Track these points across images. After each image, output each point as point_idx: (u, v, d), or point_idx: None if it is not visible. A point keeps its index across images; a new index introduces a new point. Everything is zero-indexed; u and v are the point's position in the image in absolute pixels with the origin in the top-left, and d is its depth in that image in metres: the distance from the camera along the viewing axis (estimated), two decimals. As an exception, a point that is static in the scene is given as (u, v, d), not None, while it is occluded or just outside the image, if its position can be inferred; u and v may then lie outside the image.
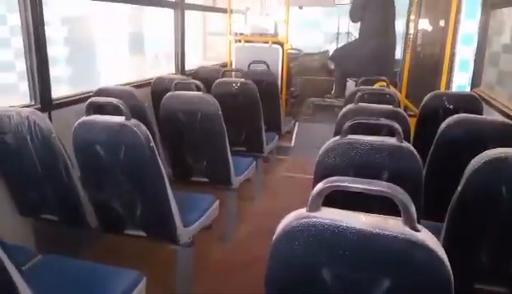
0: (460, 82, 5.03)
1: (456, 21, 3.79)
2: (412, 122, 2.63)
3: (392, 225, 0.81)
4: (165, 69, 4.81)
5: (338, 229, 0.83)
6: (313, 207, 0.86)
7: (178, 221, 1.87)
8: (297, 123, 4.69)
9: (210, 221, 2.23)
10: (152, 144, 1.65)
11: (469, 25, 4.71)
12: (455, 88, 4.21)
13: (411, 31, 4.18)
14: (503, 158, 1.33)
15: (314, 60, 5.93)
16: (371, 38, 4.55)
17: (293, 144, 4.59)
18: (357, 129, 1.56)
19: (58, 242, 2.10)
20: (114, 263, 1.61)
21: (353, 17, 4.77)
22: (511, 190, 1.36)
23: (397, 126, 1.46)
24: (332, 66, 5.42)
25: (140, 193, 1.79)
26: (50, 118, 2.34)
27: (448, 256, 1.52)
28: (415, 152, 1.44)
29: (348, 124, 1.48)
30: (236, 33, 4.67)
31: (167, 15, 3.81)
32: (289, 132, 4.60)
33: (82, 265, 1.60)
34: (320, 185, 0.86)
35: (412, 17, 4.18)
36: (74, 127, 1.71)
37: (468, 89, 5.01)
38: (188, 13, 4.32)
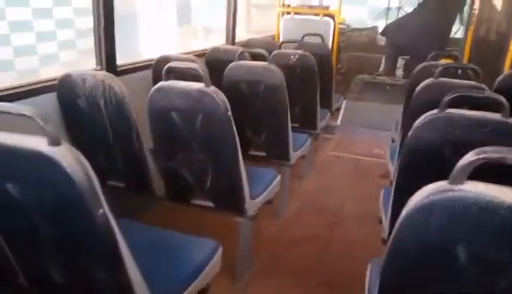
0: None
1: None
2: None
3: None
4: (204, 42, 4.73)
5: (487, 204, 0.75)
6: (458, 180, 0.78)
7: (247, 194, 1.84)
8: (344, 102, 4.55)
9: (273, 195, 2.19)
10: (229, 112, 1.60)
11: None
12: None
13: (476, 7, 3.90)
14: None
15: (362, 35, 5.71)
16: (429, 12, 4.30)
17: (339, 122, 4.47)
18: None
19: (123, 209, 2.11)
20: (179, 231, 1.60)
21: None
22: None
23: (502, 99, 1.34)
24: (383, 42, 5.19)
25: (213, 162, 1.76)
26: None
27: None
28: None
29: (447, 98, 1.37)
30: (285, 5, 4.52)
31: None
32: (337, 110, 4.47)
33: (158, 232, 1.59)
34: (470, 155, 0.78)
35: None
36: (151, 93, 1.68)
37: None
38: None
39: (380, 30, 5.51)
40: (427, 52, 3.96)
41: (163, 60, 2.48)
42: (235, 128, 1.65)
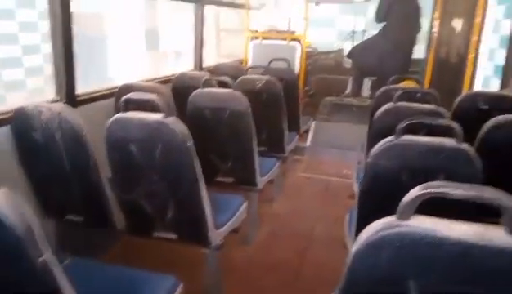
0: (487, 72, 4.92)
1: (482, 19, 3.70)
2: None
3: (497, 236, 0.73)
4: (175, 66, 4.74)
5: (435, 239, 0.75)
6: (405, 215, 0.78)
7: (211, 223, 1.80)
8: (313, 123, 4.60)
9: (239, 223, 2.16)
10: (190, 143, 1.58)
11: (499, 10, 4.60)
12: (480, 85, 4.12)
13: (435, 30, 4.08)
14: None
15: (329, 58, 5.84)
16: (393, 35, 4.47)
17: (309, 143, 4.51)
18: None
19: (82, 245, 2.03)
20: (141, 267, 1.54)
21: (379, 17, 4.70)
22: None
23: (455, 125, 1.38)
24: (348, 65, 5.33)
25: (174, 193, 1.72)
26: (74, 114, 2.27)
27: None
28: (476, 155, 1.36)
29: (402, 124, 1.40)
30: (253, 30, 4.59)
31: (176, 14, 3.74)
32: (305, 132, 4.51)
33: (112, 270, 1.52)
34: (415, 191, 0.78)
35: (436, 15, 4.08)
36: (108, 125, 1.64)
37: (491, 80, 4.93)
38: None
39: (346, 52, 5.67)
40: (391, 73, 4.09)
41: (126, 89, 2.45)
42: (195, 158, 1.62)
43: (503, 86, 3.12)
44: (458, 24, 4.14)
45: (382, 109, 2.05)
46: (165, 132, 1.55)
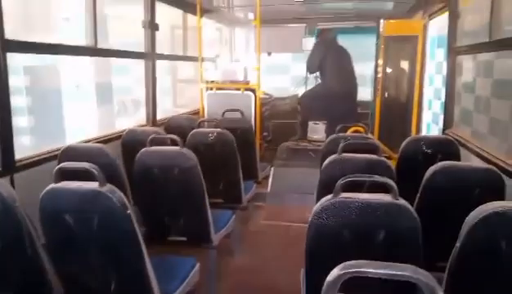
0: (428, 119, 5.22)
1: (422, 64, 3.96)
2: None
3: None
4: (134, 116, 4.71)
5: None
6: (329, 295, 0.76)
7: (157, 293, 1.70)
8: (272, 169, 4.62)
9: (192, 287, 2.06)
10: (129, 211, 1.51)
11: (429, 67, 4.95)
12: (425, 127, 4.34)
13: (379, 75, 4.30)
14: (501, 213, 1.29)
15: (285, 103, 5.99)
16: (333, 83, 4.71)
17: (269, 189, 4.50)
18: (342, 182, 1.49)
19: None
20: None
21: (311, 69, 4.98)
22: (510, 244, 1.32)
23: (391, 183, 1.40)
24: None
25: (114, 264, 1.62)
26: (12, 181, 2.15)
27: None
28: (412, 209, 1.39)
29: (340, 183, 1.41)
30: (208, 81, 4.65)
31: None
32: (265, 178, 4.51)
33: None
34: (335, 272, 0.76)
35: (380, 62, 4.32)
36: (41, 196, 1.55)
37: (433, 126, 5.21)
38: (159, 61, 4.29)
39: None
40: (338, 117, 4.25)
41: (69, 151, 2.37)
42: (136, 225, 1.55)
43: (445, 127, 3.29)
44: (402, 67, 4.39)
45: (327, 161, 2.08)
46: (102, 202, 1.48)
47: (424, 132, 4.60)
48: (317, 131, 5.31)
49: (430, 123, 5.48)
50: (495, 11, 2.46)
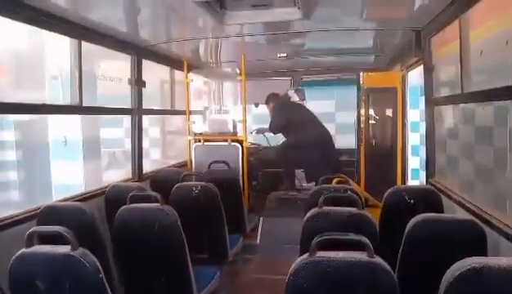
0: (413, 165, 5.27)
1: (403, 113, 4.06)
2: (374, 212, 2.62)
3: None
4: (125, 167, 4.70)
5: None
6: None
7: None
8: (261, 219, 4.56)
9: None
10: (101, 275, 1.47)
11: (414, 114, 5.08)
12: (410, 173, 4.38)
13: (362, 125, 4.39)
14: (478, 269, 1.28)
15: (274, 152, 6.02)
16: (303, 135, 4.85)
17: (259, 241, 4.41)
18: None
19: None
20: None
21: (274, 131, 5.14)
22: None
23: (366, 241, 1.39)
24: None
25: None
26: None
27: None
28: (387, 266, 1.37)
29: (315, 241, 1.40)
30: (196, 134, 4.71)
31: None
32: (254, 229, 4.44)
33: None
34: None
35: (362, 111, 4.43)
36: (11, 262, 1.51)
37: (420, 172, 5.25)
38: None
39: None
40: (315, 165, 4.25)
41: (49, 210, 2.34)
42: (108, 289, 1.50)
43: (428, 177, 3.32)
44: (384, 116, 4.50)
45: (308, 214, 2.08)
46: (73, 266, 1.45)
47: (409, 179, 4.62)
48: (304, 178, 5.32)
49: (418, 169, 5.53)
50: (464, 64, 2.57)
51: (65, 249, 1.48)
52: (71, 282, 1.48)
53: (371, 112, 4.44)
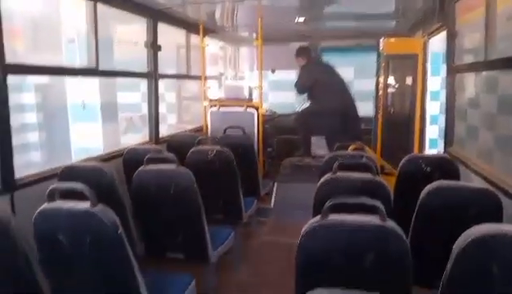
0: (432, 135, 5.18)
1: (423, 82, 3.96)
2: (389, 180, 2.62)
3: None
4: (142, 132, 4.79)
5: None
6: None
7: (150, 312, 1.70)
8: (275, 184, 4.62)
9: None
10: (120, 231, 1.53)
11: (435, 82, 4.94)
12: (427, 143, 4.32)
13: (380, 92, 4.30)
14: (491, 236, 1.27)
15: (290, 120, 6.00)
16: (327, 100, 4.76)
17: (272, 205, 4.49)
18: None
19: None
20: None
21: (300, 90, 5.02)
22: (502, 267, 1.30)
23: (378, 205, 1.40)
24: None
25: (107, 283, 1.64)
26: (12, 199, 2.19)
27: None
28: (400, 231, 1.38)
29: (328, 205, 1.41)
30: (211, 99, 4.71)
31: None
32: (268, 194, 4.51)
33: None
34: None
35: (381, 78, 4.33)
36: (35, 216, 1.58)
37: (439, 141, 5.17)
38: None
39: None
40: (337, 133, 4.22)
41: (70, 169, 2.41)
42: (127, 245, 1.56)
43: (446, 146, 3.26)
44: (404, 84, 4.39)
45: (322, 180, 2.09)
46: (93, 222, 1.51)
47: (427, 148, 4.56)
48: (321, 146, 5.31)
49: (437, 139, 5.43)
50: (489, 31, 2.47)
51: (84, 205, 1.53)
52: (91, 237, 1.54)
53: (390, 79, 4.34)
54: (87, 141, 5.11)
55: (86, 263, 1.61)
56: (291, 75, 7.60)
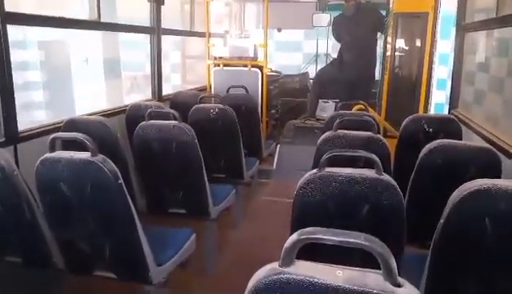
0: (438, 99, 5.10)
1: (432, 42, 3.85)
2: (392, 142, 2.61)
3: (372, 281, 0.74)
4: (146, 91, 4.77)
5: (313, 286, 0.75)
6: (286, 262, 0.78)
7: (151, 261, 1.76)
8: (278, 146, 4.63)
9: (187, 257, 2.12)
10: (120, 181, 1.56)
11: (444, 45, 4.80)
12: (433, 106, 4.26)
13: (388, 53, 4.20)
14: (485, 189, 1.28)
15: (295, 81, 5.93)
16: (347, 58, 4.62)
17: (275, 167, 4.52)
18: (337, 158, 1.50)
19: (24, 286, 1.96)
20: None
21: (335, 36, 4.84)
22: (495, 221, 1.31)
23: (375, 158, 1.40)
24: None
25: (108, 232, 1.69)
26: (16, 151, 2.22)
27: (434, 289, 1.47)
28: (395, 184, 1.39)
29: (325, 157, 1.42)
30: (215, 57, 4.63)
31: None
32: (271, 155, 4.53)
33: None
34: (293, 238, 0.78)
35: (389, 39, 4.22)
36: (37, 165, 1.60)
37: (446, 107, 5.10)
38: (167, 37, 4.28)
39: (311, 75, 5.79)
40: (350, 96, 4.16)
41: (72, 123, 2.43)
42: (127, 195, 1.59)
43: (450, 107, 3.22)
44: (412, 45, 4.27)
45: (322, 137, 2.09)
46: (93, 172, 1.53)
47: (432, 112, 4.51)
48: (326, 109, 5.27)
49: (443, 104, 5.36)
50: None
51: (85, 155, 1.55)
52: (92, 187, 1.57)
53: (399, 40, 4.22)
54: (91, 99, 5.11)
55: (87, 212, 1.65)
56: (298, 35, 7.45)
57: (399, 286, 0.73)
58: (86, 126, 2.36)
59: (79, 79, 5.42)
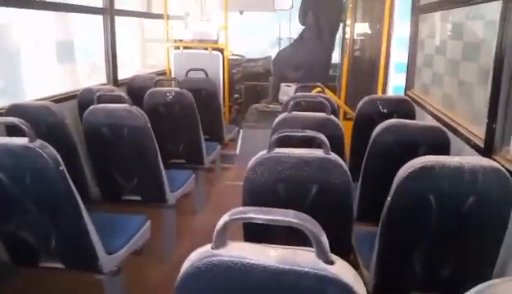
0: (398, 83, 5.20)
1: (390, 25, 3.90)
2: (351, 124, 2.64)
3: (304, 259, 0.73)
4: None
5: (245, 267, 0.73)
6: (218, 244, 0.76)
7: (100, 249, 1.70)
8: (241, 131, 4.60)
9: (141, 244, 2.06)
10: (62, 167, 1.47)
11: (402, 28, 4.88)
12: (391, 90, 4.35)
13: (348, 36, 4.23)
14: (429, 167, 1.31)
15: (258, 65, 5.87)
16: (306, 42, 4.61)
17: (238, 151, 4.50)
18: (290, 140, 1.49)
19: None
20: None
21: (300, 19, 4.82)
22: (439, 198, 1.35)
23: (322, 137, 1.40)
24: None
25: (52, 221, 1.60)
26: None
27: (383, 264, 1.51)
28: (343, 163, 1.40)
29: (274, 137, 1.40)
30: (175, 40, 4.50)
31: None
32: (234, 140, 4.50)
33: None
34: (224, 218, 0.76)
35: (348, 22, 4.24)
36: None
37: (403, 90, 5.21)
38: (124, 19, 4.10)
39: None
40: (308, 79, 4.17)
41: (16, 108, 2.29)
42: (71, 182, 1.52)
43: (406, 88, 3.29)
44: (371, 28, 4.31)
45: (277, 119, 2.07)
46: (32, 158, 1.44)
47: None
48: (288, 93, 5.26)
49: (402, 87, 5.48)
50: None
51: (22, 141, 1.46)
52: (32, 174, 1.49)
53: (358, 23, 4.25)
54: (43, 83, 4.85)
55: (29, 201, 1.56)
56: (261, 19, 7.36)
57: (331, 263, 0.73)
58: (31, 111, 2.23)
59: (29, 65, 5.12)
